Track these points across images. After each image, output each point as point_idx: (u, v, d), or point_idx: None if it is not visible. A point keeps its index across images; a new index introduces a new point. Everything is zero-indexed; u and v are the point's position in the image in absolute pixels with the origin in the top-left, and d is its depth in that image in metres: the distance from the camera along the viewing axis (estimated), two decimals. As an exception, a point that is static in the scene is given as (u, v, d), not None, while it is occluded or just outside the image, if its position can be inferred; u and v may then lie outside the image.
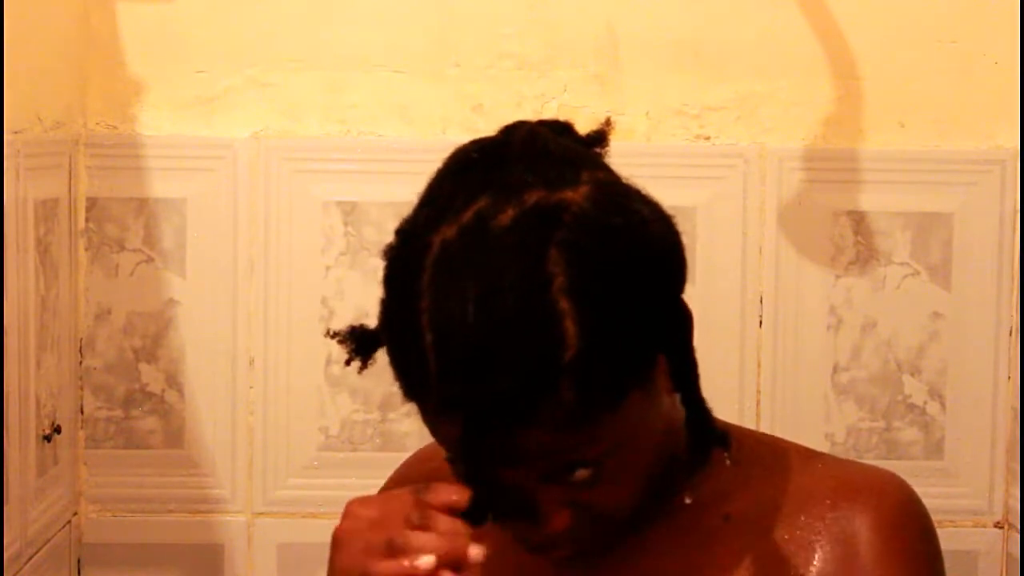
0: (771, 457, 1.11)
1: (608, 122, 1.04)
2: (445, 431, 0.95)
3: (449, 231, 0.94)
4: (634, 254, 0.95)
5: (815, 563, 1.04)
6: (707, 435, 1.01)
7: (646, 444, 0.99)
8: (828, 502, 1.06)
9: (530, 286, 0.91)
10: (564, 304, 0.91)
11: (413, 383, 0.96)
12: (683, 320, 0.99)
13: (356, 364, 1.05)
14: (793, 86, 1.70)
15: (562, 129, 1.03)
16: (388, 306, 0.97)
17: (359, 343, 1.04)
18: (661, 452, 1.02)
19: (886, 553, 1.04)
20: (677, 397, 1.03)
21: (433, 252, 0.93)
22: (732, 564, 1.05)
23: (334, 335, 1.05)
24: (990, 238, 1.70)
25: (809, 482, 1.08)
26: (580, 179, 0.96)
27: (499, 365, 0.90)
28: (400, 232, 0.98)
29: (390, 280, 0.97)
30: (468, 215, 0.93)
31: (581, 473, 0.96)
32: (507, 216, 0.93)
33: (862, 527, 1.05)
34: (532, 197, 0.93)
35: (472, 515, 0.94)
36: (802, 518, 1.06)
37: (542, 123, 1.03)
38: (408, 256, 0.96)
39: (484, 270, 0.91)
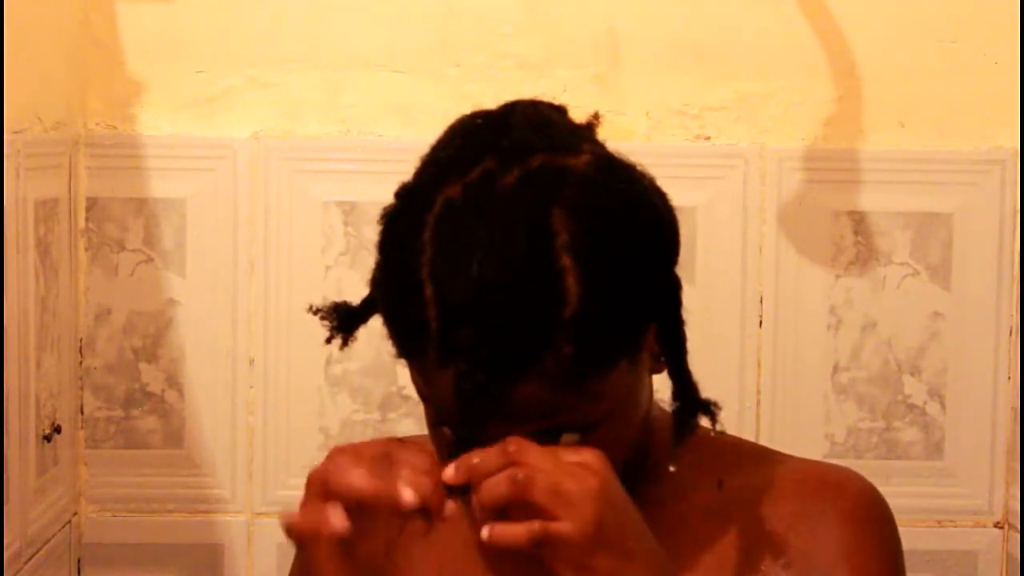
0: (732, 452, 1.12)
1: (596, 116, 1.06)
2: (439, 385, 0.96)
3: (453, 190, 0.96)
4: (634, 218, 0.97)
5: (785, 552, 1.05)
6: (694, 404, 1.02)
7: (632, 417, 1.02)
8: (795, 496, 1.08)
9: (533, 242, 0.93)
10: (566, 261, 0.93)
11: (410, 337, 0.96)
12: (675, 289, 1.01)
13: (347, 349, 1.08)
14: (793, 86, 1.70)
15: (558, 109, 1.05)
16: (386, 262, 0.99)
17: (341, 319, 1.05)
18: (639, 433, 1.04)
19: (853, 544, 1.06)
20: (652, 385, 1.05)
21: (436, 209, 0.96)
22: (708, 546, 1.07)
23: (316, 311, 1.06)
24: (990, 238, 1.70)
25: (775, 476, 1.10)
26: (582, 148, 0.99)
27: (500, 316, 0.92)
28: (400, 193, 1.00)
29: (388, 237, 0.99)
30: (473, 175, 0.96)
31: (568, 438, 0.97)
32: (512, 176, 0.95)
33: (829, 521, 1.07)
34: (537, 160, 0.96)
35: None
36: (769, 509, 1.08)
37: (539, 101, 1.05)
38: (409, 214, 0.97)
39: (488, 226, 0.93)
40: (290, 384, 1.70)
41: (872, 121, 1.70)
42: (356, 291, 1.67)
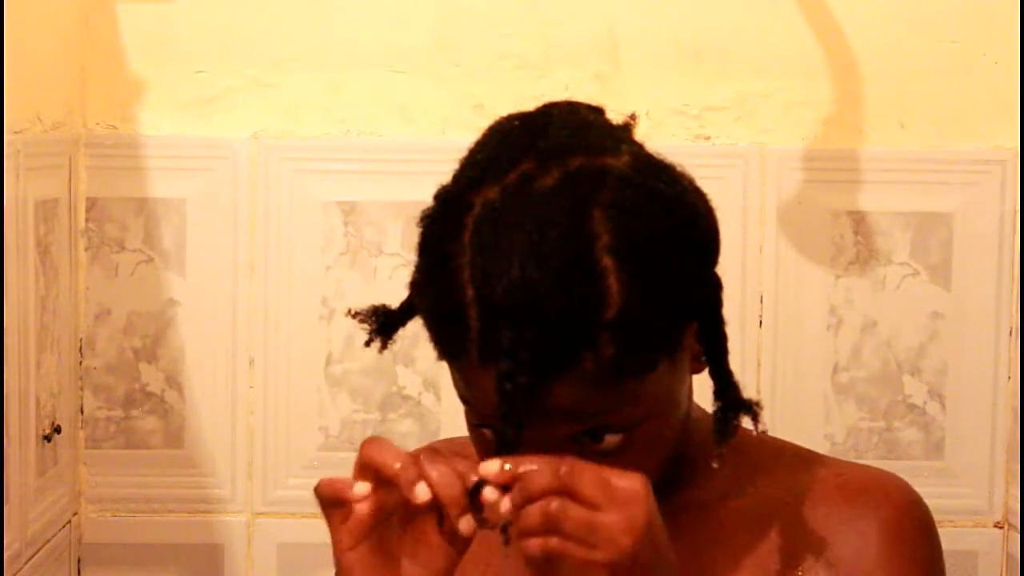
0: (773, 454, 1.12)
1: (633, 116, 1.06)
2: (481, 387, 0.95)
3: (491, 192, 0.95)
4: (674, 217, 0.97)
5: (825, 559, 1.05)
6: (736, 404, 1.01)
7: (672, 417, 1.01)
8: (835, 500, 1.08)
9: (574, 243, 0.93)
10: (608, 262, 0.93)
11: (451, 339, 0.96)
12: (716, 288, 1.01)
13: (376, 347, 1.06)
14: (793, 86, 1.70)
15: (595, 110, 1.05)
16: (426, 265, 0.99)
17: (382, 323, 1.05)
18: (679, 434, 1.03)
19: (893, 554, 1.06)
20: (692, 387, 1.05)
21: (475, 211, 0.95)
22: (750, 551, 1.07)
23: (355, 315, 1.06)
24: (990, 238, 1.70)
25: (816, 479, 1.09)
26: (620, 149, 0.99)
27: (541, 318, 0.91)
28: (439, 196, 0.99)
29: (428, 239, 0.99)
30: (511, 177, 0.95)
31: (611, 440, 0.97)
32: (551, 177, 0.95)
33: (870, 527, 1.06)
34: (575, 161, 0.96)
35: None
36: (810, 513, 1.07)
37: (577, 102, 1.05)
38: (448, 216, 0.97)
39: (528, 227, 0.93)
40: (290, 384, 1.70)
41: (872, 121, 1.70)
42: (356, 292, 1.69)
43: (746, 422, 1.03)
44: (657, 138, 1.67)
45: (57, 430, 1.58)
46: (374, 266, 1.68)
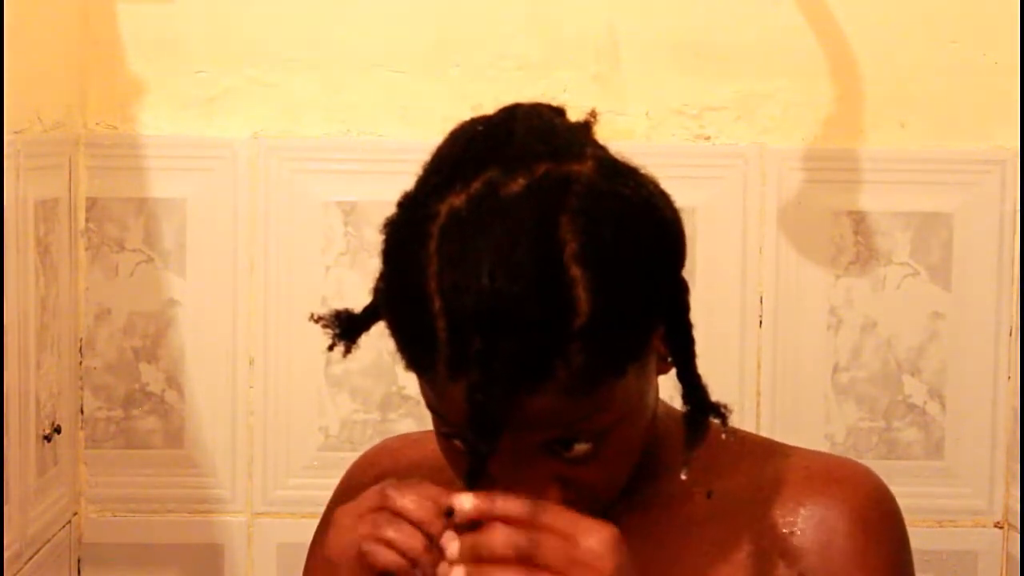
0: (737, 448, 1.12)
1: (593, 113, 1.05)
2: (450, 397, 0.95)
3: (457, 200, 0.94)
4: (642, 224, 0.97)
5: (792, 552, 1.06)
6: (705, 407, 1.01)
7: (641, 420, 1.01)
8: (803, 492, 1.08)
9: (543, 253, 0.92)
10: (576, 271, 0.92)
11: (419, 350, 0.96)
12: (682, 293, 1.01)
13: (344, 353, 1.06)
14: (793, 86, 1.70)
15: (558, 112, 1.04)
16: (391, 275, 0.98)
17: (344, 327, 1.04)
18: (648, 435, 1.03)
19: (863, 546, 1.06)
20: (658, 388, 1.05)
21: (440, 220, 0.94)
22: (718, 547, 1.07)
23: (318, 319, 1.06)
24: (990, 238, 1.70)
25: (781, 472, 1.10)
26: (585, 154, 0.98)
27: (511, 329, 0.91)
28: (402, 203, 0.99)
29: (392, 249, 0.98)
30: (477, 184, 0.94)
31: (580, 448, 0.97)
32: (517, 185, 0.94)
33: (837, 520, 1.06)
34: (541, 168, 0.95)
35: (471, 483, 0.94)
36: (777, 507, 1.07)
37: (539, 104, 1.04)
38: (413, 224, 0.96)
39: (495, 237, 0.92)
40: (290, 384, 1.70)
41: (872, 121, 1.70)
42: (356, 292, 1.69)
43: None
44: (657, 138, 1.69)
45: (57, 430, 1.58)
46: (374, 266, 1.67)
